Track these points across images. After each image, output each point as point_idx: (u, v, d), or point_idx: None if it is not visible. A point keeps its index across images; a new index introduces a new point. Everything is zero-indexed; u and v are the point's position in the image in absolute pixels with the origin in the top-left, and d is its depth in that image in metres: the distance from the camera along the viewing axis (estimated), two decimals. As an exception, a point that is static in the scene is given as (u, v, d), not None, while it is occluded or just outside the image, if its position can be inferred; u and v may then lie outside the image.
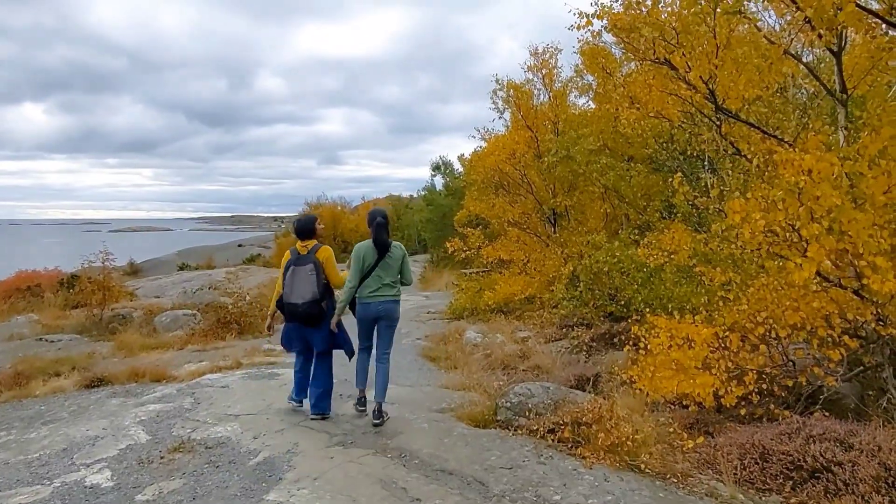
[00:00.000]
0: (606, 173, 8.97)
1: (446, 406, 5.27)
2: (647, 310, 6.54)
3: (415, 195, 35.99)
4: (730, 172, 6.25)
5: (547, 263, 10.34)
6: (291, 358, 5.60)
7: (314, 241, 4.92)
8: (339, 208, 35.15)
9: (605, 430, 4.06)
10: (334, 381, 5.17)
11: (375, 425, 4.68)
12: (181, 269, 38.83)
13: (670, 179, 8.38)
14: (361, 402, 4.99)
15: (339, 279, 4.91)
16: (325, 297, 4.79)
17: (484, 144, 11.85)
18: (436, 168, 27.21)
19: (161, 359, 9.07)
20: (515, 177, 10.57)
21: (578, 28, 4.47)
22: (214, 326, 10.92)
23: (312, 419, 4.84)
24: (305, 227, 4.96)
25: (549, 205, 10.81)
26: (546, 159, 9.66)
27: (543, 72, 10.92)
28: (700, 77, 3.96)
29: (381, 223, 4.88)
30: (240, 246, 50.09)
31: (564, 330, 8.96)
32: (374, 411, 4.77)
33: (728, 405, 4.79)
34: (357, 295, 4.88)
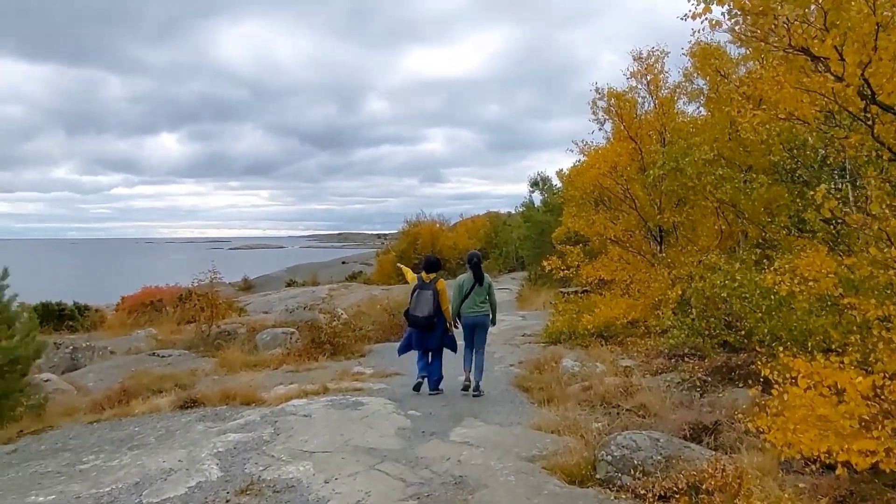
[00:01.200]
0: (721, 185, 7.98)
1: (537, 453, 4.67)
2: (776, 343, 5.58)
3: (513, 211, 35.48)
4: (872, 182, 5.21)
5: (652, 285, 9.41)
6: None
7: (434, 274, 6.98)
8: (438, 226, 35.24)
9: (731, 502, 3.31)
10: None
11: (475, 396, 6.82)
12: (289, 285, 40.70)
13: (801, 191, 7.31)
14: (468, 380, 7.03)
15: (447, 305, 6.95)
16: (437, 314, 6.82)
17: (582, 158, 11.12)
18: (534, 184, 26.58)
19: (255, 379, 9.14)
20: (617, 191, 9.75)
21: (693, 17, 3.78)
22: (309, 346, 10.95)
23: (431, 394, 6.94)
24: (431, 264, 7.15)
25: (655, 221, 9.89)
26: (651, 172, 8.80)
27: (648, 77, 10.06)
28: (856, 66, 3.16)
29: (478, 264, 7.08)
30: (343, 263, 51.88)
31: (673, 360, 8.02)
32: (473, 388, 6.92)
33: (888, 470, 3.84)
34: (461, 311, 7.02)
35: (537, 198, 26.01)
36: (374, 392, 7.30)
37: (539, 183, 26.19)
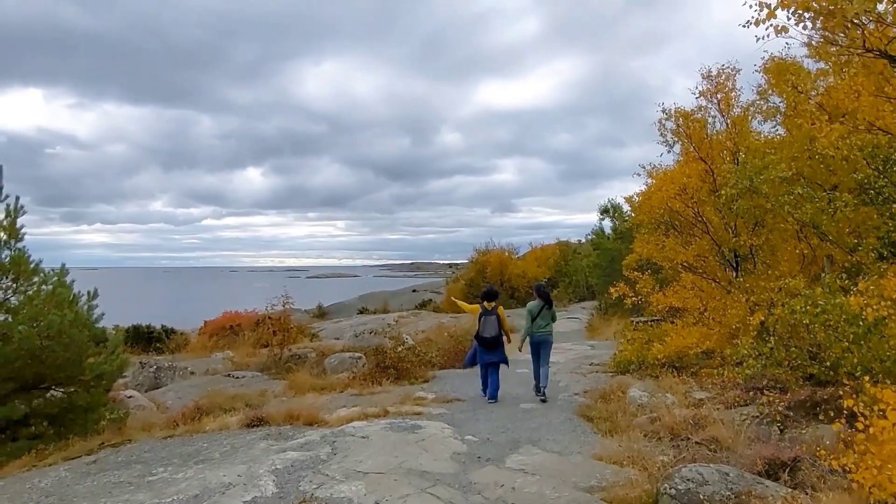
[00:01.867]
0: (801, 206, 7.46)
1: (596, 484, 4.46)
2: (866, 376, 5.11)
3: (583, 240, 34.84)
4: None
5: (728, 312, 8.89)
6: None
7: (494, 303, 8.43)
8: (507, 254, 35.07)
9: (806, 544, 3.01)
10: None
11: (542, 401, 8.13)
12: (360, 312, 41.55)
13: (892, 211, 6.73)
14: (538, 388, 8.43)
15: (507, 327, 8.59)
16: (500, 334, 8.38)
17: (650, 182, 10.78)
18: (604, 211, 25.98)
19: (320, 401, 9.31)
20: (687, 214, 9.34)
21: (757, 24, 3.59)
22: (374, 371, 11.06)
23: (489, 402, 8.20)
24: (491, 293, 8.56)
25: (730, 245, 9.38)
26: (724, 192, 8.37)
27: (719, 96, 9.67)
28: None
29: (546, 293, 8.68)
30: (414, 291, 52.45)
31: (751, 394, 7.47)
32: (542, 392, 8.33)
33: None
34: (530, 331, 8.45)
35: (607, 225, 25.42)
36: (433, 416, 7.26)
37: (609, 210, 25.58)
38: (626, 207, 23.46)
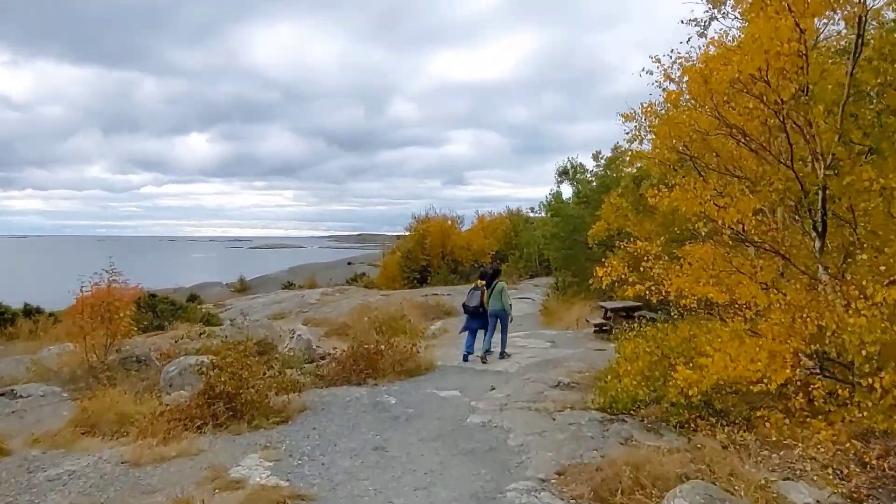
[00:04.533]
0: None
1: None
2: None
3: (535, 209, 30.64)
4: None
5: (826, 314, 4.74)
6: None
7: (483, 282, 9.62)
8: (450, 223, 30.49)
9: None
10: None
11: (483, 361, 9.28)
12: (287, 287, 36.51)
13: None
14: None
15: (485, 301, 9.50)
16: (480, 305, 9.41)
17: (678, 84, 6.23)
18: (562, 173, 21.60)
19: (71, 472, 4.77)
20: (753, 129, 4.97)
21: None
22: (199, 403, 6.48)
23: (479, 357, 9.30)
24: (483, 274, 10.03)
25: (816, 184, 5.15)
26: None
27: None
28: None
29: (485, 273, 10.08)
30: (349, 263, 47.64)
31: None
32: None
33: None
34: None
35: (567, 190, 21.27)
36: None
37: (569, 171, 21.33)
38: (590, 164, 19.26)
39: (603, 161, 18.04)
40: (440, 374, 8.65)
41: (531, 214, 32.12)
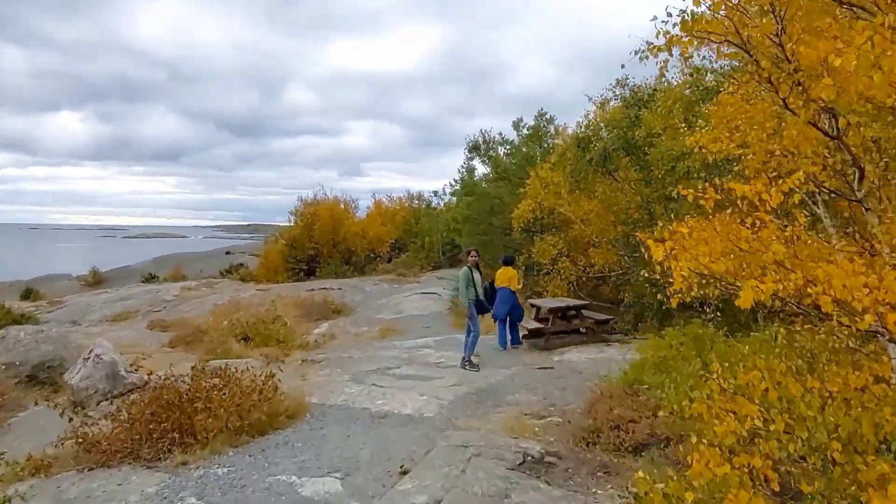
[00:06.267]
0: None
1: None
2: None
3: (438, 192, 27.79)
4: None
5: None
6: None
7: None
8: (342, 207, 26.80)
9: None
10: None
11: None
12: (147, 280, 31.19)
13: None
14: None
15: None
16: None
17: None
18: (473, 148, 18.81)
19: None
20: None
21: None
22: None
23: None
24: (508, 260, 9.59)
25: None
26: None
27: None
28: None
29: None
30: (227, 253, 42.41)
31: None
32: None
33: None
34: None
35: (481, 169, 18.52)
36: None
37: (480, 147, 18.61)
38: (513, 134, 16.53)
39: (526, 131, 15.37)
40: (311, 427, 5.40)
41: (434, 199, 29.28)
